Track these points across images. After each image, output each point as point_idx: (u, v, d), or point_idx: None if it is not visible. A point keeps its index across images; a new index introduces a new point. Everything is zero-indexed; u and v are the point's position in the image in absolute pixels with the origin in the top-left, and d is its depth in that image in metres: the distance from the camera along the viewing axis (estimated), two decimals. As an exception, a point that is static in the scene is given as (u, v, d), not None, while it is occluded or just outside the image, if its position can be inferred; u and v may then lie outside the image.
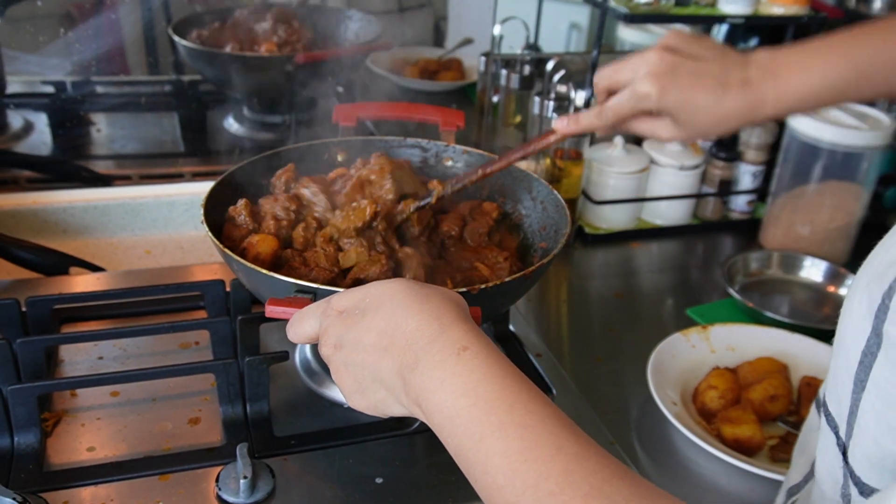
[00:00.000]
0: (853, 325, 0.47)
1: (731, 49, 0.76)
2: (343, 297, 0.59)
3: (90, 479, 0.72)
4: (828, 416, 0.52)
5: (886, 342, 0.43)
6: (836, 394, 0.50)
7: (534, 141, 0.83)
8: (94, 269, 1.08)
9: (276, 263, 0.80)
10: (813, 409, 0.62)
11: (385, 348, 0.54)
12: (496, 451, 0.47)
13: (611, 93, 0.78)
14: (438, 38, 1.77)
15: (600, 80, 0.78)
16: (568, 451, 0.46)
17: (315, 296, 0.68)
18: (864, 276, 0.48)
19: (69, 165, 1.36)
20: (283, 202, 0.85)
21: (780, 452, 0.85)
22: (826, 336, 1.00)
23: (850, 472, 0.48)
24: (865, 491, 0.47)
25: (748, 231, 1.35)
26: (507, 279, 0.73)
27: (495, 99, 1.49)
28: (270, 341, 0.92)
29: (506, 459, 0.46)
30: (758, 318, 1.07)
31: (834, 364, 0.51)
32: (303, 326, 0.62)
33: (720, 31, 1.60)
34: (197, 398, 0.84)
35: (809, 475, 0.58)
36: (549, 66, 1.30)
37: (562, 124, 0.81)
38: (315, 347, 0.90)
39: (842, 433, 0.49)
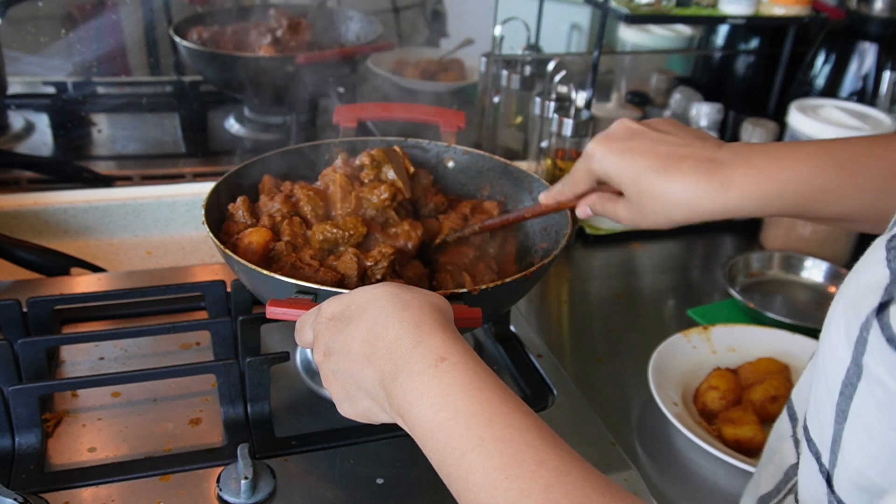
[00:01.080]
0: (832, 353, 0.45)
1: (707, 134, 0.69)
2: (331, 304, 0.60)
3: (91, 480, 0.72)
4: (809, 441, 0.51)
5: (866, 374, 0.42)
6: (817, 420, 0.49)
7: (520, 210, 0.85)
8: (95, 269, 1.08)
9: (268, 255, 0.80)
10: (784, 415, 0.60)
11: (367, 357, 0.55)
12: (477, 467, 0.47)
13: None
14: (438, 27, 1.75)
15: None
16: (549, 465, 0.46)
17: (316, 296, 0.68)
18: (840, 301, 0.46)
19: (70, 166, 1.36)
20: (279, 202, 0.85)
21: (781, 453, 0.85)
22: (827, 337, 1.00)
23: (837, 499, 0.47)
24: None
25: (749, 231, 1.35)
26: (507, 280, 0.73)
27: (496, 100, 1.49)
28: (271, 342, 0.92)
29: (487, 477, 0.46)
30: (759, 319, 1.07)
31: (815, 388, 0.50)
32: (304, 334, 0.63)
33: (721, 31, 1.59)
34: (198, 399, 0.84)
35: (781, 485, 0.58)
36: (550, 66, 1.30)
37: (542, 197, 0.79)
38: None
39: (825, 461, 0.48)
